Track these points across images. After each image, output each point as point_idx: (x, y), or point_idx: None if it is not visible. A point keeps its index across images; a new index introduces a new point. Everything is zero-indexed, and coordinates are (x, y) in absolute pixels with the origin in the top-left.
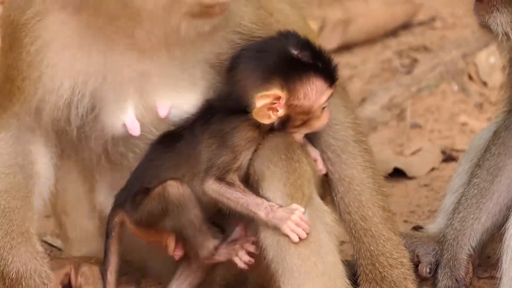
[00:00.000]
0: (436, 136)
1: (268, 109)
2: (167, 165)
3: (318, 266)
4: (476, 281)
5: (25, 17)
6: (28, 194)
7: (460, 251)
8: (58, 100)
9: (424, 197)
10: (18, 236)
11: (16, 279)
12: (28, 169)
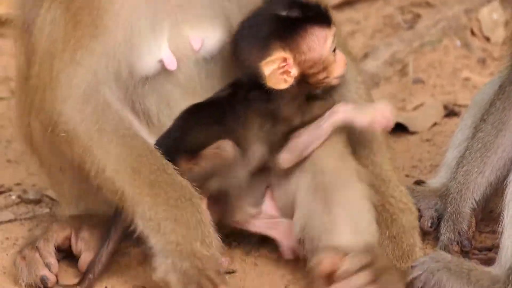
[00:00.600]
0: (439, 91)
1: (281, 74)
2: (211, 135)
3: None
4: (478, 235)
5: None
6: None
7: (464, 205)
8: (124, 31)
9: (426, 152)
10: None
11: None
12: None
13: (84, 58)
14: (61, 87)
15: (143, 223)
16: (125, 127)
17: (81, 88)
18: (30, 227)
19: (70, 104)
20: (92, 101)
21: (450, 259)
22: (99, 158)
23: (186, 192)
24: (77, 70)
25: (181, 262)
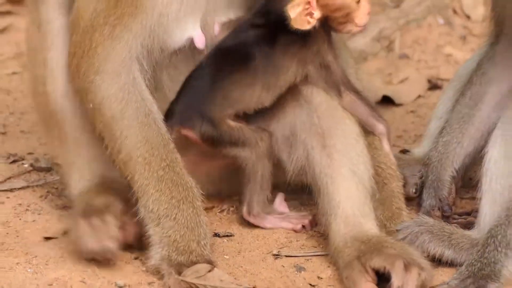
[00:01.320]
0: (423, 66)
1: (305, 15)
2: (240, 84)
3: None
4: (458, 201)
5: None
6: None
7: (444, 173)
8: (161, 15)
9: (411, 122)
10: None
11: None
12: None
13: (122, 34)
14: (98, 58)
15: (145, 212)
16: (145, 113)
17: (115, 62)
18: (41, 193)
19: (102, 75)
20: (123, 76)
21: (432, 223)
22: (117, 139)
23: (189, 194)
24: (114, 44)
25: (176, 256)
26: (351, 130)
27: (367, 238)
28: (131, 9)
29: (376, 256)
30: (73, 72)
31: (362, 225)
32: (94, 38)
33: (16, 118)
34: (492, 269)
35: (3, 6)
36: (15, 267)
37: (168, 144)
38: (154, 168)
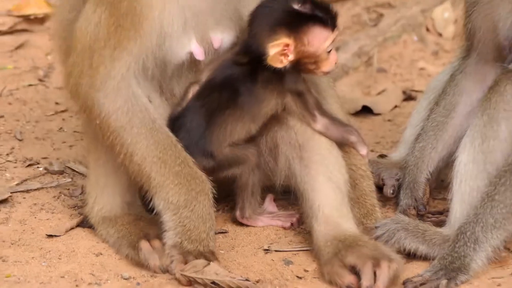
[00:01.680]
0: (398, 79)
1: (280, 55)
2: (231, 119)
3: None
4: (431, 201)
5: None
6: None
7: (419, 175)
8: (157, 34)
9: (388, 130)
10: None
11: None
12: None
13: (121, 55)
14: (99, 77)
15: (163, 204)
16: (151, 121)
17: (116, 80)
18: (54, 194)
19: (104, 92)
20: (124, 92)
21: (408, 221)
22: (128, 145)
23: (205, 187)
24: (114, 64)
25: (187, 244)
26: (324, 143)
27: (345, 237)
28: (131, 33)
29: (350, 254)
30: (72, 91)
31: (340, 225)
32: (94, 59)
33: (31, 126)
34: (462, 263)
35: (20, 24)
36: (31, 261)
37: (177, 144)
38: (170, 165)
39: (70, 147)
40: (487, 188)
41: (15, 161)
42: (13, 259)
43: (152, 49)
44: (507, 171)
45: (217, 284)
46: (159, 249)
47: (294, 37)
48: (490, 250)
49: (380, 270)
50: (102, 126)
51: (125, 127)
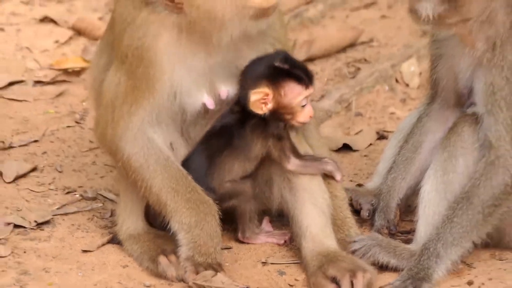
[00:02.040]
0: (373, 121)
1: (261, 103)
2: (229, 158)
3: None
4: (401, 223)
5: (147, 41)
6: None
7: (391, 201)
8: (168, 93)
9: (364, 164)
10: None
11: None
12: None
13: (137, 111)
14: (119, 129)
15: (178, 225)
16: (164, 159)
17: (133, 131)
18: (88, 217)
19: (125, 140)
20: (140, 140)
21: (382, 239)
22: (147, 180)
23: (212, 209)
24: (131, 118)
25: (198, 257)
26: (308, 175)
27: (327, 252)
28: (145, 93)
29: (332, 267)
30: (100, 138)
31: (324, 243)
32: (115, 114)
33: (69, 161)
34: (426, 273)
35: (60, 76)
36: (69, 271)
37: (187, 176)
38: (182, 193)
39: (101, 178)
40: (447, 212)
41: (56, 189)
42: (54, 270)
43: (164, 105)
44: (463, 198)
45: None
46: (174, 262)
47: (273, 88)
48: (449, 263)
49: (356, 280)
50: (124, 166)
51: (143, 167)
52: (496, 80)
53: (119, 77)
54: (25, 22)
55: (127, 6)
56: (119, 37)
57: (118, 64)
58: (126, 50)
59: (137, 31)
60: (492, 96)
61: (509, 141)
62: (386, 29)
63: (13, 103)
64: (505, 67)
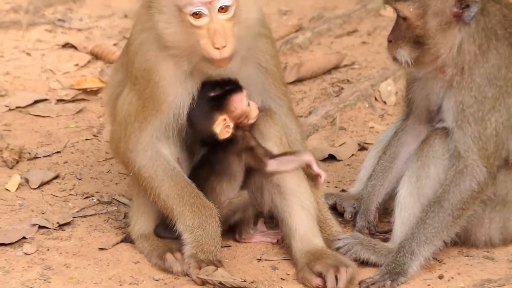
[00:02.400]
0: (355, 135)
1: (224, 128)
2: (219, 180)
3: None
4: (380, 224)
5: (153, 65)
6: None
7: (371, 205)
8: (173, 112)
9: (347, 172)
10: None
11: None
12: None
13: (146, 127)
14: (131, 143)
15: (183, 227)
16: (171, 169)
17: (143, 144)
18: (104, 218)
19: (136, 153)
20: (149, 152)
21: (363, 238)
22: (156, 188)
23: (213, 213)
24: (141, 133)
25: (201, 254)
26: (295, 179)
27: (314, 251)
28: (153, 112)
29: (318, 264)
30: (114, 150)
31: (311, 242)
32: (127, 130)
33: (88, 169)
34: (402, 268)
35: (80, 95)
36: (87, 267)
37: (191, 184)
38: (186, 199)
39: (116, 184)
40: (421, 214)
41: (76, 194)
42: (74, 266)
43: (169, 122)
44: (435, 202)
45: (223, 284)
46: (179, 259)
47: (225, 112)
48: (422, 260)
49: (340, 275)
50: (136, 175)
51: (152, 176)
52: (466, 99)
53: (131, 97)
54: (49, 48)
55: (139, 31)
56: (132, 59)
57: (130, 85)
58: (136, 72)
59: (144, 55)
60: (462, 112)
61: (476, 152)
62: (366, 54)
63: (38, 118)
64: (473, 88)
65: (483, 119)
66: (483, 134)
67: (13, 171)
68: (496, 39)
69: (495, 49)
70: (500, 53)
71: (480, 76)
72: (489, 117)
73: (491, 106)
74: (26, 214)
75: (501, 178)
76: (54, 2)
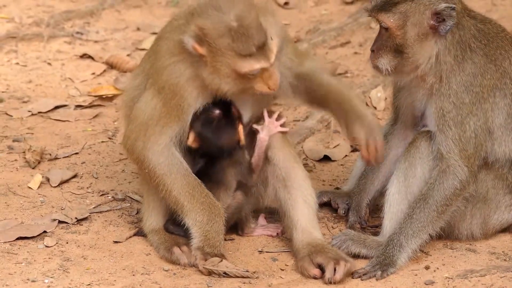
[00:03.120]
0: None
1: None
2: (216, 192)
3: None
4: (370, 219)
5: (181, 81)
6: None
7: (362, 201)
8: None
9: (341, 171)
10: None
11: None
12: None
13: (167, 131)
14: (150, 143)
15: (192, 222)
16: (184, 170)
17: (161, 146)
18: (118, 214)
19: (153, 152)
20: (165, 153)
21: (353, 234)
22: (168, 185)
23: (220, 212)
24: (161, 136)
25: (207, 248)
26: (301, 175)
27: (316, 243)
28: (175, 119)
29: (319, 256)
30: (129, 149)
31: (312, 234)
32: (148, 131)
33: (103, 169)
34: (391, 260)
35: (96, 101)
36: (103, 258)
37: (201, 184)
38: (197, 198)
39: (129, 183)
40: (408, 210)
41: (92, 192)
42: (91, 257)
43: (187, 129)
44: (421, 199)
45: (227, 274)
46: (186, 252)
47: (237, 118)
48: (410, 252)
49: (339, 267)
50: (150, 173)
51: (166, 174)
52: (445, 105)
53: (155, 103)
54: (68, 58)
55: (170, 47)
56: (160, 71)
57: (155, 92)
58: (164, 84)
59: (174, 72)
60: (443, 117)
61: (458, 153)
62: (358, 63)
63: (58, 123)
64: (451, 94)
65: (462, 122)
66: (463, 137)
67: (35, 171)
68: (470, 51)
69: (470, 60)
70: (475, 62)
71: (457, 84)
72: (468, 121)
73: (469, 111)
74: (47, 210)
75: (482, 178)
76: (73, 16)
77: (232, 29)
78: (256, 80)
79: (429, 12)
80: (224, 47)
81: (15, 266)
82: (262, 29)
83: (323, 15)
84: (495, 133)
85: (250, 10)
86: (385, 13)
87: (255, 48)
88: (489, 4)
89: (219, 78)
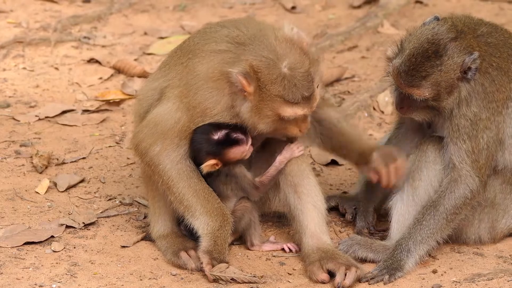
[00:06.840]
0: None
1: (212, 166)
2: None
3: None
4: (378, 223)
5: (216, 107)
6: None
7: (370, 206)
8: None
9: (348, 175)
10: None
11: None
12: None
13: (184, 144)
14: (166, 150)
15: (204, 227)
16: (199, 175)
17: (178, 154)
18: (126, 219)
19: (169, 158)
20: (182, 160)
21: (360, 239)
22: (179, 192)
23: (228, 220)
24: (178, 148)
25: (215, 254)
26: (311, 182)
27: (326, 248)
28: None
29: (330, 262)
30: (142, 153)
31: (322, 239)
32: (166, 141)
33: (111, 174)
34: (399, 264)
35: (103, 106)
36: (110, 263)
37: (212, 191)
38: (211, 202)
39: (136, 187)
40: (418, 216)
41: (100, 196)
42: (98, 262)
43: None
44: (431, 206)
45: (235, 279)
46: (193, 256)
47: (220, 157)
48: (417, 257)
49: (350, 273)
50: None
51: (182, 177)
52: (461, 122)
53: (180, 116)
54: (75, 62)
55: (209, 71)
56: (193, 89)
57: (182, 107)
58: (196, 104)
59: (211, 97)
60: (457, 131)
61: (470, 164)
62: (365, 67)
63: (66, 127)
64: (469, 114)
65: (477, 136)
66: (476, 149)
67: (43, 176)
68: (485, 70)
69: (487, 79)
70: (492, 79)
71: (477, 106)
72: (482, 135)
73: (484, 126)
74: (54, 215)
75: (489, 183)
76: (80, 21)
77: (285, 77)
78: (291, 123)
79: (459, 70)
80: (274, 93)
81: (23, 271)
82: (311, 80)
83: (331, 20)
84: (506, 143)
85: (304, 60)
86: (417, 89)
87: (302, 98)
88: (496, 8)
89: (258, 117)
